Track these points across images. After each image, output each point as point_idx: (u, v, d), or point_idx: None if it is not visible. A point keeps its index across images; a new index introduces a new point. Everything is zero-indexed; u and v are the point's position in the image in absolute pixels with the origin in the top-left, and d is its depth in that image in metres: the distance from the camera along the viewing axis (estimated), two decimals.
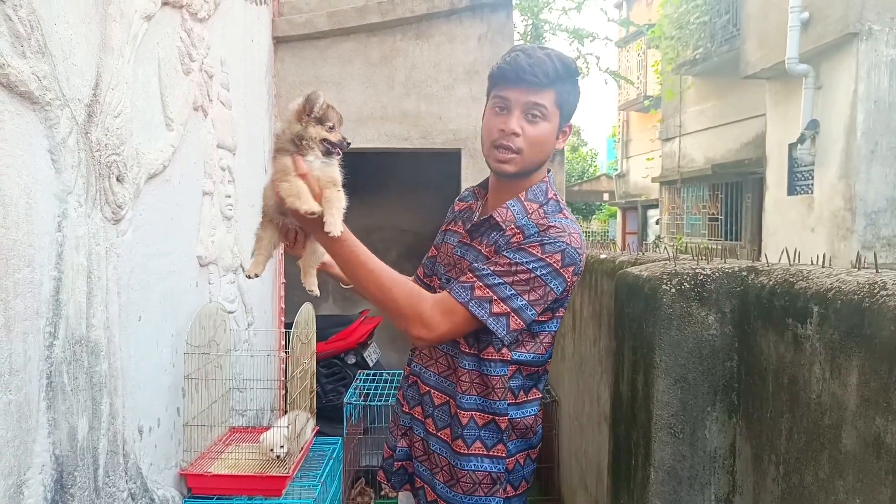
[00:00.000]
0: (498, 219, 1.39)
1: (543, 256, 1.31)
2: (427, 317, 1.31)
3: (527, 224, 1.38)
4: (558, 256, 1.32)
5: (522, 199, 1.42)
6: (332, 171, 1.33)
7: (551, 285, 1.33)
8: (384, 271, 1.34)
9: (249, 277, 1.41)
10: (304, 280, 1.47)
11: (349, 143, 1.36)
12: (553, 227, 1.35)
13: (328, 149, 1.33)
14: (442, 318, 1.32)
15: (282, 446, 2.26)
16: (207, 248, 2.47)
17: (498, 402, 1.40)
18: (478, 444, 1.40)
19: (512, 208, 1.40)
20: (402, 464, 1.53)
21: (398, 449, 1.54)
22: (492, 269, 1.32)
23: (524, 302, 1.31)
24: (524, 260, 1.31)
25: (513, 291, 1.31)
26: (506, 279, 1.31)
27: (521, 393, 1.44)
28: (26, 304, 1.39)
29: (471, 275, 1.34)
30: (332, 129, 1.33)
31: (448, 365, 1.44)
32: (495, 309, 1.30)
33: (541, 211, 1.40)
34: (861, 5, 6.01)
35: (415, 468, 1.51)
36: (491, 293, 1.30)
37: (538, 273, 1.31)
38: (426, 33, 3.78)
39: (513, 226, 1.38)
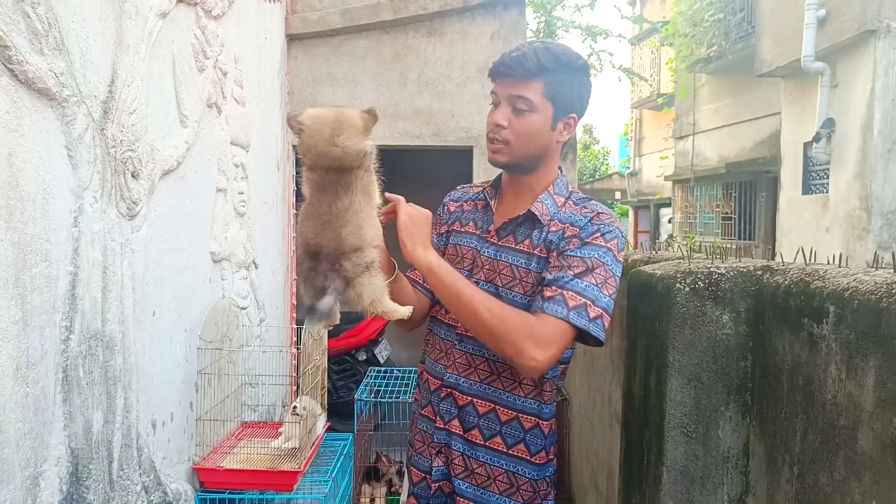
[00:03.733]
0: (537, 213, 1.40)
1: (608, 245, 1.33)
2: (541, 338, 1.25)
3: (569, 216, 1.38)
4: (615, 242, 1.34)
5: (552, 192, 1.43)
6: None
7: (617, 273, 1.34)
8: (492, 300, 1.30)
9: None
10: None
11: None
12: (601, 213, 1.37)
13: None
14: (552, 336, 1.26)
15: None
16: (221, 245, 2.48)
17: (548, 406, 1.43)
18: (542, 452, 1.43)
19: (545, 202, 1.41)
20: (439, 485, 1.48)
21: (434, 469, 1.48)
22: (572, 273, 1.30)
23: (608, 298, 1.32)
24: (595, 254, 1.31)
25: (599, 291, 1.30)
26: (588, 279, 1.30)
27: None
28: (43, 298, 1.41)
29: (554, 287, 1.30)
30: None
31: (491, 371, 1.41)
32: (592, 314, 1.28)
33: (570, 203, 1.42)
34: (879, 2, 5.94)
35: (455, 487, 1.45)
36: (583, 299, 1.28)
37: (609, 264, 1.32)
38: (439, 31, 3.78)
39: (550, 219, 1.39)
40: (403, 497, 1.53)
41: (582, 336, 1.31)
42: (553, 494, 1.47)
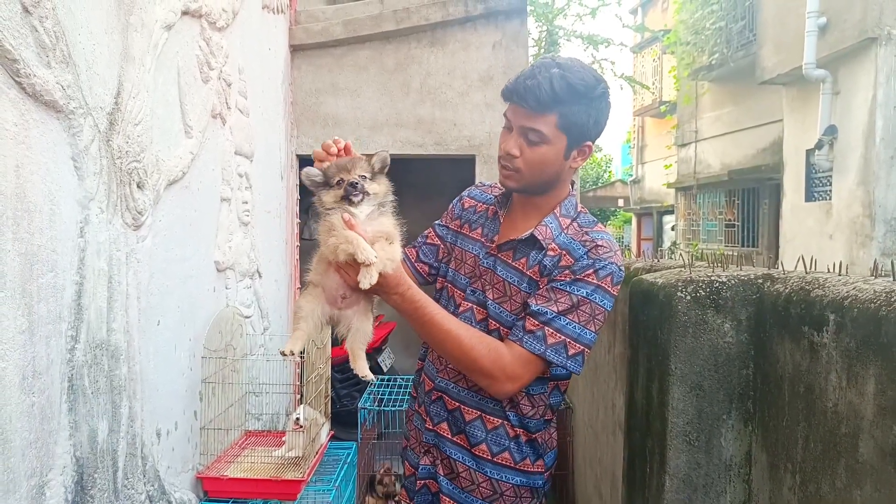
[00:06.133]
0: (539, 237, 1.39)
1: (600, 283, 1.32)
2: (510, 372, 1.31)
3: (569, 242, 1.37)
4: (609, 279, 1.33)
5: (557, 214, 1.42)
6: (383, 222, 1.29)
7: (607, 307, 1.34)
8: (461, 329, 1.33)
9: (284, 355, 1.30)
10: (353, 364, 1.36)
11: (355, 183, 1.26)
12: (600, 245, 1.35)
13: (351, 201, 1.26)
14: (523, 369, 1.32)
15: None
16: (225, 254, 2.50)
17: (536, 421, 1.43)
18: (527, 460, 1.43)
19: (550, 225, 1.40)
20: (424, 482, 1.50)
21: (421, 467, 1.50)
22: (556, 310, 1.31)
23: (592, 334, 1.33)
24: (584, 292, 1.31)
25: (581, 328, 1.31)
26: (571, 317, 1.31)
27: (557, 408, 1.48)
28: (49, 308, 1.42)
29: (536, 321, 1.32)
30: (338, 183, 1.27)
31: None
32: (571, 351, 1.31)
33: (575, 225, 1.40)
34: (880, 10, 5.95)
35: (441, 486, 1.46)
36: (563, 337, 1.30)
37: (598, 301, 1.32)
38: (441, 40, 3.80)
39: (553, 244, 1.37)
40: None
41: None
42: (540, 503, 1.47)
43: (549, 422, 1.47)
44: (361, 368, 1.35)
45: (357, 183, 1.26)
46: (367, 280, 1.20)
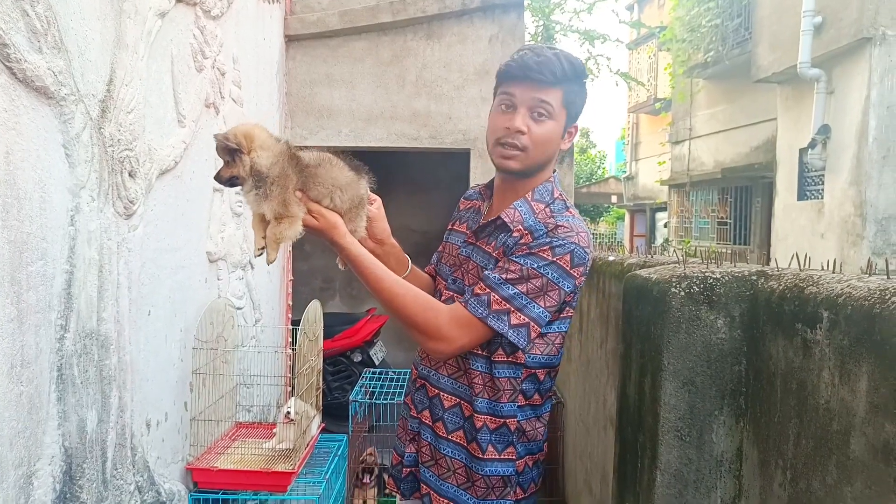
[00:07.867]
0: (506, 219, 1.39)
1: (555, 259, 1.31)
2: (445, 332, 1.32)
3: (535, 224, 1.37)
4: (568, 258, 1.32)
5: (529, 199, 1.42)
6: (264, 205, 1.32)
7: (564, 287, 1.33)
8: (399, 287, 1.35)
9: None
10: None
11: (221, 178, 1.35)
12: (561, 226, 1.35)
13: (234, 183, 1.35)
14: (460, 331, 1.32)
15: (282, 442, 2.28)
16: (217, 244, 2.48)
17: (507, 405, 1.41)
18: (490, 448, 1.41)
19: (519, 209, 1.40)
20: (410, 470, 1.52)
21: (406, 454, 1.53)
22: (505, 277, 1.31)
23: (541, 309, 1.32)
24: (536, 265, 1.31)
25: (528, 300, 1.31)
26: (520, 287, 1.31)
27: (536, 395, 1.45)
28: (38, 296, 1.41)
29: (484, 285, 1.33)
30: (226, 163, 1.34)
31: (458, 367, 1.44)
32: (514, 321, 1.31)
33: (547, 210, 1.40)
34: (875, 10, 5.97)
35: (420, 474, 1.49)
36: (508, 305, 1.30)
37: (550, 277, 1.31)
38: (437, 33, 3.79)
39: (520, 226, 1.38)
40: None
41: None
42: (513, 495, 1.44)
43: (525, 409, 1.43)
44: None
45: (222, 179, 1.35)
46: (267, 260, 1.36)
